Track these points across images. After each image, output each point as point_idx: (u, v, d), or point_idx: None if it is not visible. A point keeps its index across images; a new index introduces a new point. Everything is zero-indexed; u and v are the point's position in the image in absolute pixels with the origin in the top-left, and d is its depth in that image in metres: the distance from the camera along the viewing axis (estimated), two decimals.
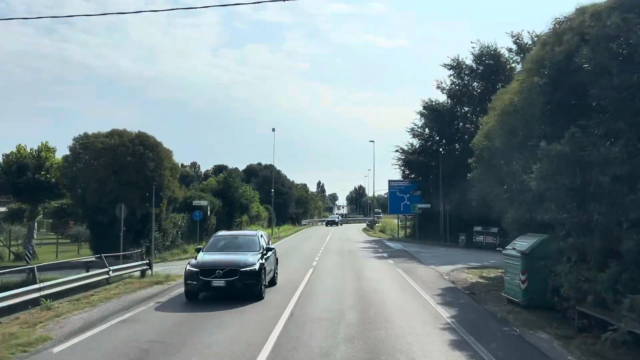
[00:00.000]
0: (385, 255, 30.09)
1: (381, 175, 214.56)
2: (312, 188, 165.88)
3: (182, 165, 61.07)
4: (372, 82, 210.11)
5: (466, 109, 42.42)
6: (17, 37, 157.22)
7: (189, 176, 75.58)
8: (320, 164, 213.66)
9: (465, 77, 41.74)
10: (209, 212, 37.40)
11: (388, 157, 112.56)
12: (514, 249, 13.32)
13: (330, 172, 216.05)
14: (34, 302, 12.59)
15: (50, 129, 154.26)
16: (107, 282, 16.63)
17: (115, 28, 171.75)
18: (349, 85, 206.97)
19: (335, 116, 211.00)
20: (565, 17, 12.20)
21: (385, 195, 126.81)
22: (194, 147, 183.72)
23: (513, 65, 38.71)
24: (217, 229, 32.62)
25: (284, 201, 78.41)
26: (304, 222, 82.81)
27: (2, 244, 30.66)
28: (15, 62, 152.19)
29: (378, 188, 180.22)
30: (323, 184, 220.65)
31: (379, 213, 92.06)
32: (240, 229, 39.46)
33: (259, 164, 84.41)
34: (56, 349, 9.11)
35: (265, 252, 15.22)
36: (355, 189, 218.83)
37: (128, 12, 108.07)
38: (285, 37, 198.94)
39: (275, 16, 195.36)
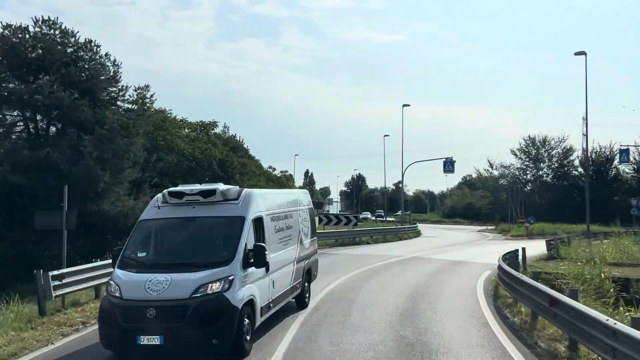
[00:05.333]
0: None
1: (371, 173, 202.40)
2: (300, 180, 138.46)
3: None
4: (368, 77, 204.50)
5: None
6: None
7: None
8: (315, 158, 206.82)
9: None
10: None
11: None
12: None
13: (324, 166, 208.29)
14: None
15: None
16: None
17: (110, 20, 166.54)
18: (345, 81, 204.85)
19: (331, 111, 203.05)
20: None
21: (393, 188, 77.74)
22: None
23: None
24: None
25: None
26: None
27: None
28: None
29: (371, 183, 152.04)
30: (312, 174, 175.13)
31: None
32: None
33: None
34: None
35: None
36: (352, 178, 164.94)
37: None
38: (282, 32, 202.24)
39: (271, 10, 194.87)
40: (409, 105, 44.86)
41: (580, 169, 67.70)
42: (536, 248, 31.00)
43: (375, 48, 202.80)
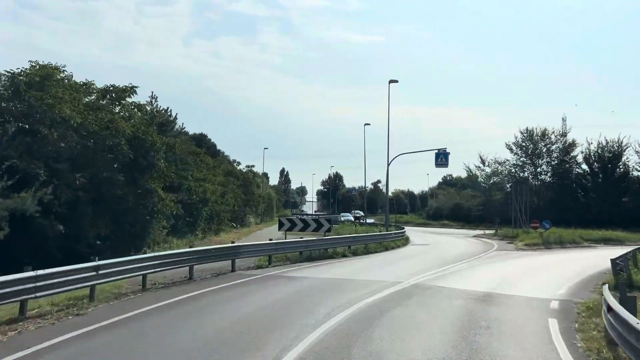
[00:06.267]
0: None
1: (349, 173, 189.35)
2: (275, 179, 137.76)
3: None
4: (347, 77, 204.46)
5: None
6: None
7: None
8: (292, 158, 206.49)
9: None
10: None
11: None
12: None
13: (301, 166, 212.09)
14: None
15: None
16: None
17: (86, 15, 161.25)
18: (324, 81, 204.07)
19: (310, 111, 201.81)
20: None
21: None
22: None
23: None
24: None
25: None
26: None
27: None
28: None
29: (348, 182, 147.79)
30: (287, 172, 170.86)
31: None
32: None
33: None
34: None
35: None
36: (330, 177, 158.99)
37: None
38: (260, 31, 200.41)
39: (249, 8, 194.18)
40: (397, 81, 36.46)
41: (584, 166, 60.36)
42: (574, 265, 22.89)
43: (354, 48, 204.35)
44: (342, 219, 61.62)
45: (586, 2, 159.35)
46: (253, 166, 65.98)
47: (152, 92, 29.91)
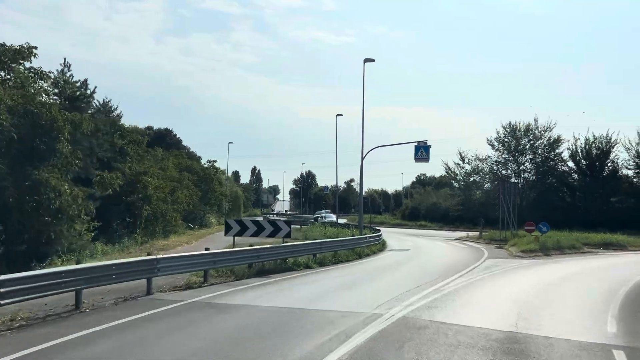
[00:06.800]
0: None
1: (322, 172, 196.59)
2: (246, 178, 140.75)
3: None
4: (320, 78, 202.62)
5: None
6: None
7: None
8: (264, 157, 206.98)
9: None
10: None
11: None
12: None
13: (274, 165, 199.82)
14: None
15: None
16: None
17: (54, 9, 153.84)
18: (297, 80, 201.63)
19: (282, 110, 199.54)
20: None
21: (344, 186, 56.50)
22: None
23: None
24: None
25: None
26: None
27: None
28: None
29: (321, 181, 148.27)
30: (259, 171, 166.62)
31: None
32: None
33: None
34: None
35: None
36: (302, 175, 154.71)
37: None
38: (233, 29, 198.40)
39: (222, 6, 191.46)
40: (373, 60, 31.64)
41: (570, 163, 56.46)
42: (595, 279, 18.28)
43: (327, 48, 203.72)
44: (326, 219, 54.60)
45: (576, 4, 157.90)
46: (215, 161, 60.41)
47: (65, 59, 23.99)
